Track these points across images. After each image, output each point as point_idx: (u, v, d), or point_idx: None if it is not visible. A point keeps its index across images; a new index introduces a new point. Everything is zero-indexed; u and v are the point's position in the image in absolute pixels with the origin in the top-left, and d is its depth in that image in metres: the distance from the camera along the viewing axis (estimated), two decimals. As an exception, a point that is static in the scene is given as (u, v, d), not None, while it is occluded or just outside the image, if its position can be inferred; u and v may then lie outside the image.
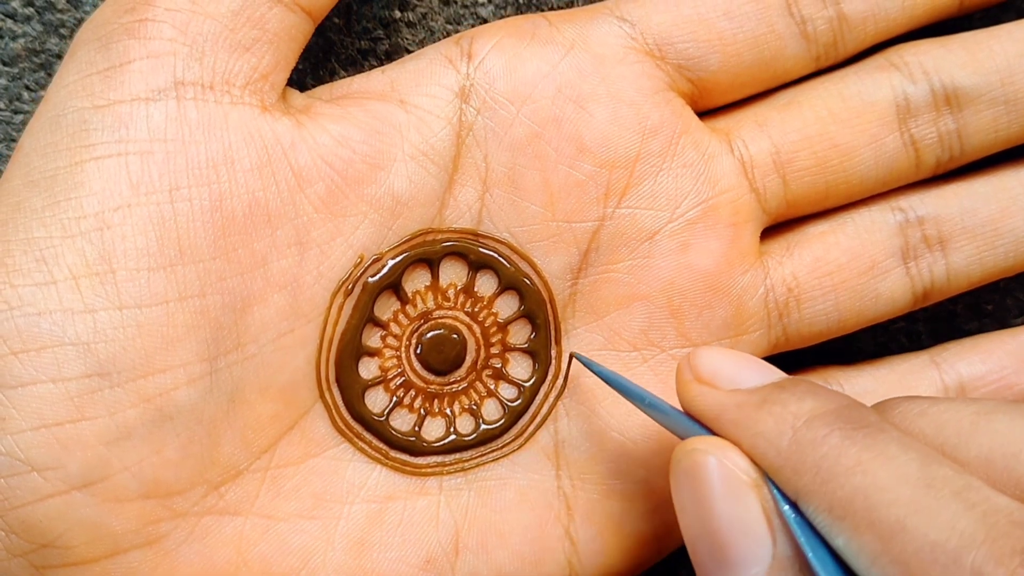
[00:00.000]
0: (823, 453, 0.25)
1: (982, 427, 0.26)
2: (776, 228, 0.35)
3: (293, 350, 0.31)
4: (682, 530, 0.28)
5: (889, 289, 0.34)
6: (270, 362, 0.31)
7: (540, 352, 0.33)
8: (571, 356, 0.33)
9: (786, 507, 0.26)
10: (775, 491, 0.26)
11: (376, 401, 0.33)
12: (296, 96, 0.32)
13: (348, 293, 0.31)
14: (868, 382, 0.36)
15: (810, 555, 0.25)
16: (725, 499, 0.27)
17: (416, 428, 0.33)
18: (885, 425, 0.26)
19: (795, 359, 0.37)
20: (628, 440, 0.33)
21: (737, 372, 0.29)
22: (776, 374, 0.29)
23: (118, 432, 0.29)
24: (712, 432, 0.28)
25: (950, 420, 0.27)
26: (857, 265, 0.34)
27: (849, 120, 0.34)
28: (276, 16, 0.31)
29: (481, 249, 0.32)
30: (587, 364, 0.32)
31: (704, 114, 0.34)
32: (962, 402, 0.28)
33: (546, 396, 0.33)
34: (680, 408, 0.29)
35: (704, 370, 0.29)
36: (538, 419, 0.33)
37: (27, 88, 0.36)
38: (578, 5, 0.36)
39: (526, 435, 0.33)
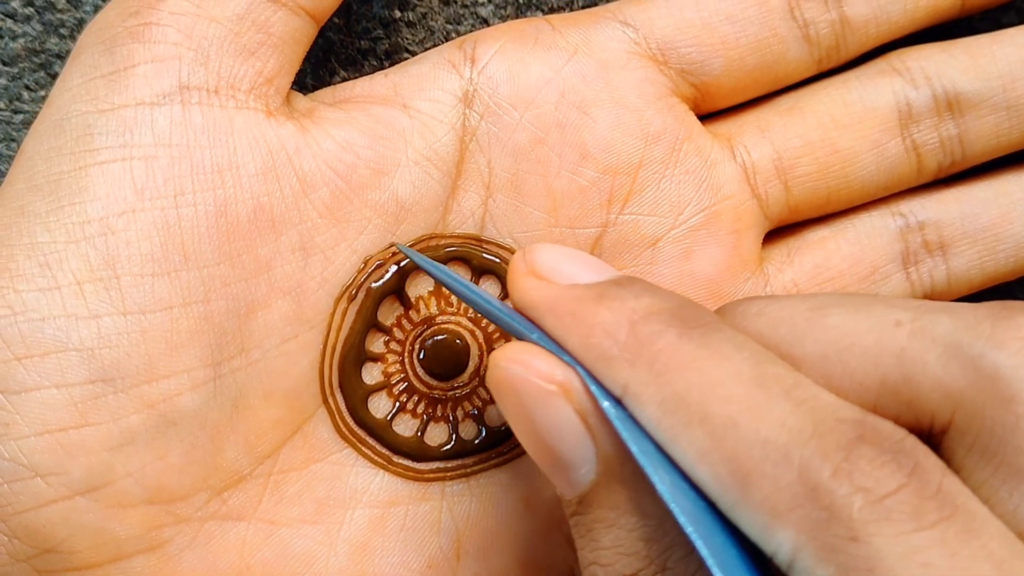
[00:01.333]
0: (659, 348, 0.25)
1: (816, 323, 0.26)
2: (777, 233, 0.35)
3: (297, 355, 0.31)
4: (517, 438, 0.28)
5: (890, 294, 0.34)
6: (274, 367, 0.31)
7: None
8: (390, 245, 0.32)
9: (605, 403, 0.25)
10: (593, 387, 0.26)
11: (379, 406, 0.32)
12: (300, 99, 0.32)
13: (352, 298, 0.31)
14: None
15: (632, 447, 0.25)
16: (536, 408, 0.26)
17: (419, 434, 0.33)
18: (721, 325, 0.26)
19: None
20: None
21: (574, 268, 0.28)
22: (612, 272, 0.28)
23: (121, 438, 0.29)
24: (540, 328, 0.27)
25: (785, 318, 0.27)
26: (858, 271, 0.34)
27: (851, 125, 0.34)
28: (280, 20, 0.30)
29: (484, 255, 0.32)
30: (412, 256, 0.31)
31: (706, 117, 0.34)
32: (798, 299, 0.27)
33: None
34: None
35: (540, 264, 0.28)
36: None
37: (27, 88, 0.35)
38: (578, 5, 0.36)
39: None
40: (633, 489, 0.26)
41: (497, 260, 0.32)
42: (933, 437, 0.25)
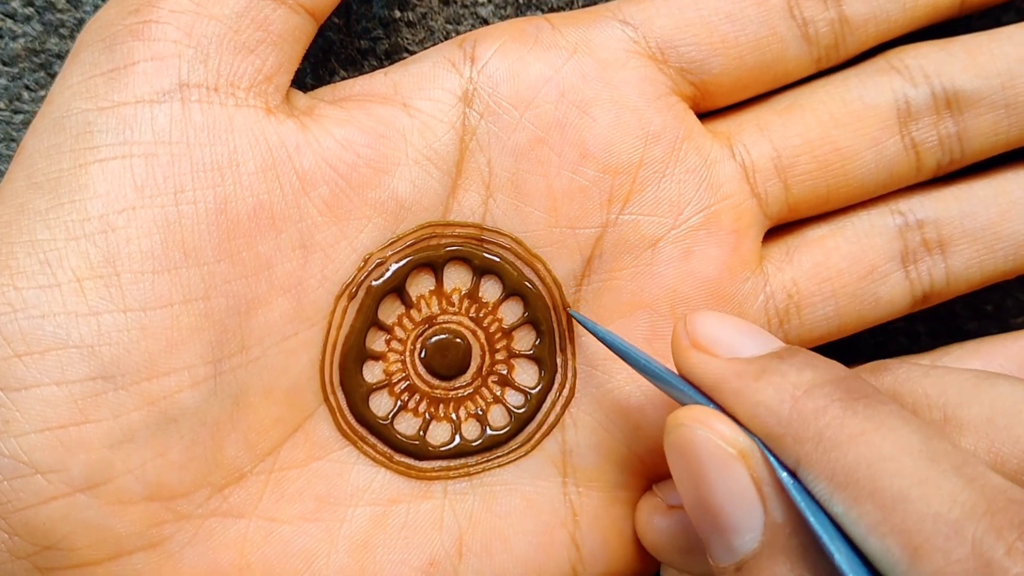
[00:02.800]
0: (825, 423, 0.26)
1: (985, 389, 0.27)
2: (776, 231, 0.35)
3: (297, 353, 0.31)
4: (682, 499, 0.28)
5: (889, 293, 0.34)
6: (274, 365, 0.31)
7: (545, 359, 0.33)
8: (566, 313, 0.33)
9: (783, 474, 0.26)
10: (772, 459, 0.27)
11: (380, 405, 0.32)
12: (299, 97, 0.32)
13: (352, 296, 0.31)
14: None
15: (811, 519, 0.25)
16: (714, 470, 0.27)
17: (421, 432, 0.33)
18: (884, 397, 0.26)
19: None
20: (635, 452, 0.33)
21: (735, 339, 0.29)
22: (774, 343, 0.29)
23: (122, 435, 0.29)
24: (708, 397, 0.28)
25: (953, 381, 0.27)
26: (857, 269, 0.34)
27: (850, 123, 0.34)
28: (280, 17, 0.31)
29: (485, 254, 0.32)
30: (584, 323, 0.32)
31: (705, 116, 0.34)
32: (964, 368, 0.28)
33: (553, 404, 0.33)
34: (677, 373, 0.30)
35: (701, 336, 0.29)
36: (545, 427, 0.33)
37: (27, 88, 0.35)
38: (577, 5, 0.36)
39: (533, 442, 0.33)
40: (796, 561, 0.26)
41: (498, 259, 0.32)
42: None
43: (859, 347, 0.38)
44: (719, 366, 0.28)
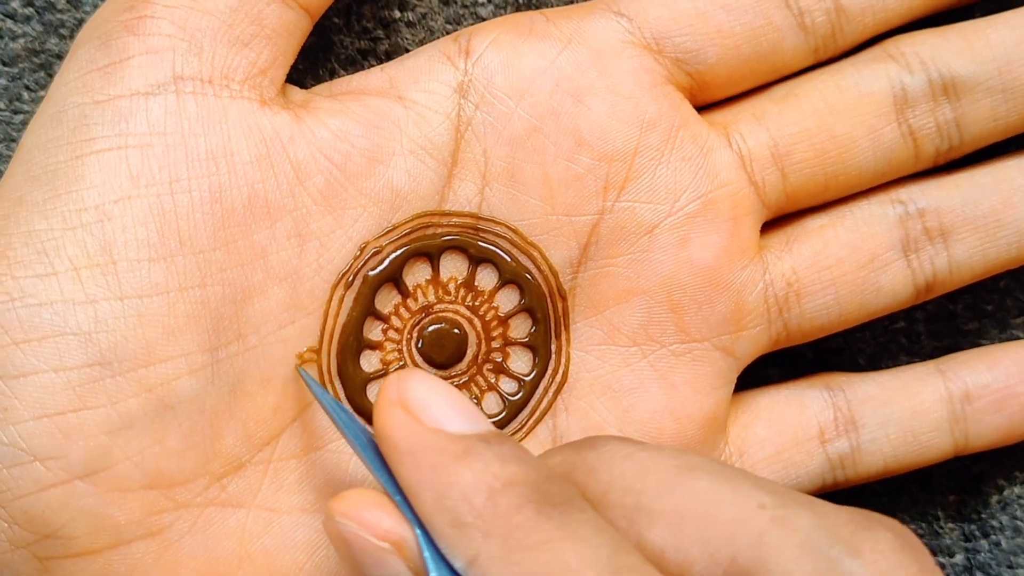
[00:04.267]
0: (516, 523, 0.25)
1: (683, 482, 0.26)
2: (776, 222, 0.35)
3: (294, 342, 0.31)
4: None
5: (890, 282, 0.34)
6: (271, 354, 0.31)
7: (540, 346, 0.33)
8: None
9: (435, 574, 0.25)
10: (428, 556, 0.25)
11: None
12: (295, 92, 0.32)
13: (348, 285, 0.32)
14: (872, 388, 0.35)
15: None
16: (370, 564, 0.26)
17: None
18: (584, 505, 0.26)
19: (796, 360, 0.37)
20: (625, 435, 0.33)
21: (445, 411, 0.27)
22: (483, 424, 0.28)
23: (120, 421, 0.29)
24: (386, 465, 0.27)
25: (653, 468, 0.26)
26: (857, 258, 0.34)
27: (847, 111, 0.34)
28: (274, 12, 0.31)
29: (481, 243, 0.33)
30: (308, 382, 0.31)
31: (703, 108, 0.34)
32: (668, 452, 0.27)
33: (546, 390, 0.33)
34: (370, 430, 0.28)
35: (412, 398, 0.27)
36: (537, 413, 0.33)
37: (27, 88, 0.36)
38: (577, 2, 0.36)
39: (525, 429, 0.33)
40: None
41: (494, 248, 0.33)
42: None
43: (860, 348, 0.38)
44: (420, 434, 0.27)
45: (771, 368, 0.37)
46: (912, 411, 0.35)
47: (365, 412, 0.32)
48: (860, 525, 0.26)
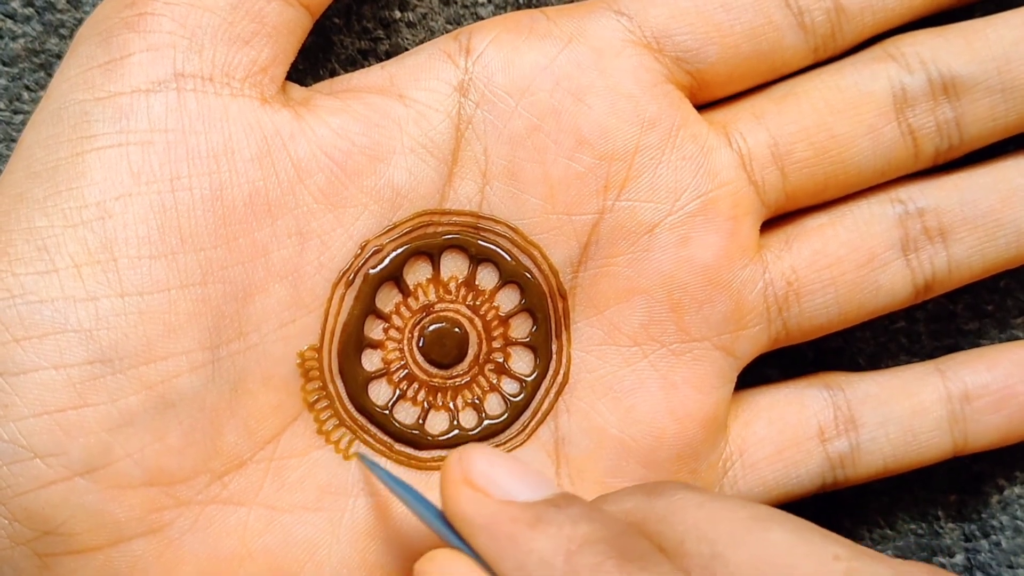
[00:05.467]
0: None
1: (756, 534, 0.26)
2: (775, 221, 0.35)
3: (295, 340, 0.31)
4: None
5: (890, 281, 0.34)
6: (272, 352, 0.31)
7: (541, 347, 0.33)
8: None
9: None
10: None
11: (379, 394, 0.33)
12: (296, 90, 0.33)
13: (349, 284, 0.32)
14: (872, 387, 0.35)
15: None
16: None
17: (420, 421, 0.33)
18: (660, 558, 0.26)
19: (796, 360, 0.37)
20: (627, 438, 0.33)
21: (511, 482, 0.28)
22: (550, 488, 0.28)
23: (120, 418, 0.29)
24: (465, 540, 0.28)
25: (725, 518, 0.27)
26: (856, 257, 0.34)
27: (846, 111, 0.34)
28: (274, 10, 0.31)
29: (481, 243, 0.33)
30: (370, 466, 0.32)
31: (703, 107, 0.34)
32: (739, 503, 0.27)
33: (547, 391, 0.33)
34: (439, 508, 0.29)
35: (476, 474, 0.28)
36: (539, 415, 0.33)
37: (27, 88, 0.36)
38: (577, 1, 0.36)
39: (527, 430, 0.33)
40: None
41: (495, 247, 0.33)
42: None
43: (860, 347, 0.38)
44: (491, 508, 0.27)
45: (771, 368, 0.37)
46: (912, 411, 0.35)
47: (366, 411, 0.32)
48: None
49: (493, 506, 0.27)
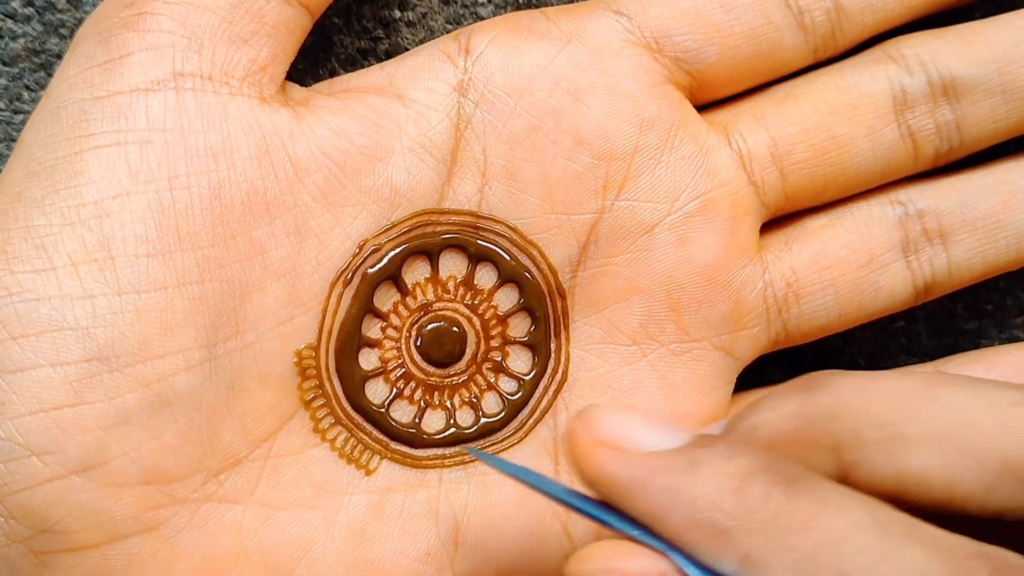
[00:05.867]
0: (774, 509, 0.24)
1: (928, 401, 0.26)
2: (775, 223, 0.35)
3: (292, 339, 0.31)
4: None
5: (889, 282, 0.34)
6: (269, 350, 0.31)
7: (540, 345, 0.33)
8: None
9: None
10: (692, 571, 0.25)
11: (376, 392, 0.33)
12: (295, 89, 0.33)
13: (347, 283, 0.32)
14: None
15: None
16: None
17: (416, 420, 0.33)
18: (817, 476, 0.25)
19: (796, 361, 0.37)
20: None
21: (647, 433, 0.26)
22: (686, 433, 0.27)
23: (117, 416, 0.29)
24: (618, 509, 0.26)
25: (892, 396, 0.26)
26: (856, 259, 0.34)
27: (846, 112, 0.34)
28: (274, 9, 0.31)
29: (480, 242, 0.33)
30: (487, 461, 0.29)
31: (702, 108, 0.34)
32: (900, 375, 0.27)
33: (545, 390, 0.33)
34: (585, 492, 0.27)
35: (608, 433, 0.26)
36: (537, 413, 0.33)
37: (27, 88, 0.36)
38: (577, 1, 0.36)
39: (525, 428, 0.33)
40: None
41: (495, 248, 0.33)
42: None
43: (860, 348, 0.38)
44: (639, 462, 0.25)
45: (771, 368, 0.37)
46: None
47: (363, 409, 0.32)
48: None
49: (639, 460, 0.25)
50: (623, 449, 0.26)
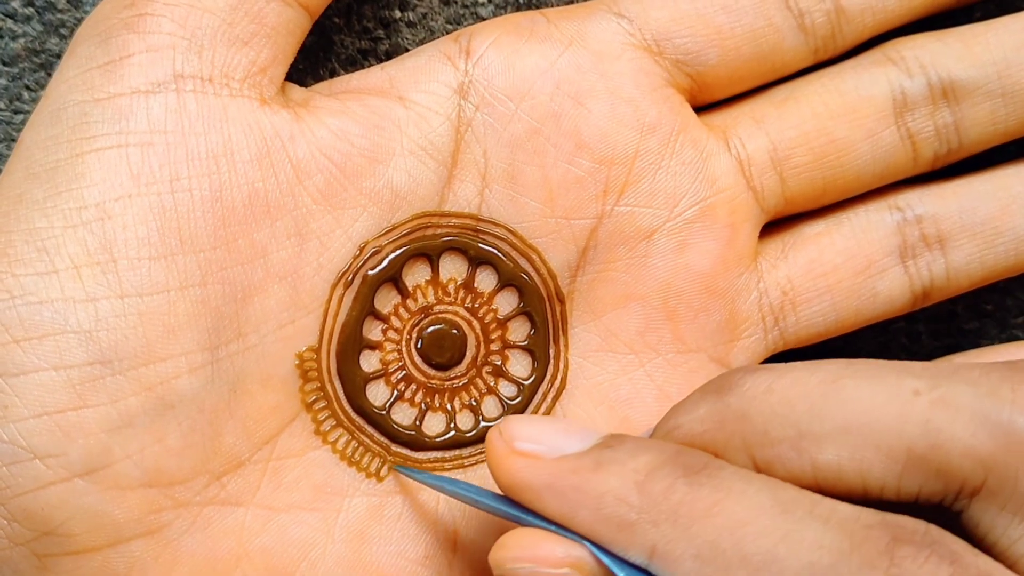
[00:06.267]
0: (677, 500, 0.26)
1: (832, 397, 0.27)
2: (773, 228, 0.35)
3: (294, 341, 0.31)
4: None
5: (887, 288, 0.34)
6: (271, 352, 0.31)
7: (539, 350, 0.33)
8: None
9: (621, 574, 0.26)
10: (607, 559, 0.26)
11: (377, 394, 0.33)
12: (295, 90, 0.33)
13: (348, 285, 0.32)
14: None
15: None
16: None
17: (417, 423, 0.33)
18: (721, 463, 0.26)
19: (794, 361, 0.37)
20: None
21: (558, 438, 0.28)
22: (595, 435, 0.28)
23: (120, 420, 0.29)
24: (530, 510, 0.27)
25: (799, 394, 0.27)
26: (853, 265, 0.34)
27: (846, 115, 0.34)
28: (274, 10, 0.31)
29: (480, 245, 0.33)
30: (412, 476, 0.32)
31: (702, 109, 0.34)
32: (804, 370, 0.27)
33: (544, 395, 0.33)
34: (498, 491, 0.29)
35: (521, 441, 0.28)
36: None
37: (27, 88, 0.36)
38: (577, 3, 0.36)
39: None
40: None
41: (494, 250, 0.33)
42: (959, 500, 0.26)
43: (860, 347, 0.38)
44: (548, 468, 0.27)
45: (770, 369, 0.37)
46: None
47: (364, 412, 0.32)
48: (1016, 380, 0.26)
49: (549, 465, 0.27)
50: (535, 456, 0.27)
